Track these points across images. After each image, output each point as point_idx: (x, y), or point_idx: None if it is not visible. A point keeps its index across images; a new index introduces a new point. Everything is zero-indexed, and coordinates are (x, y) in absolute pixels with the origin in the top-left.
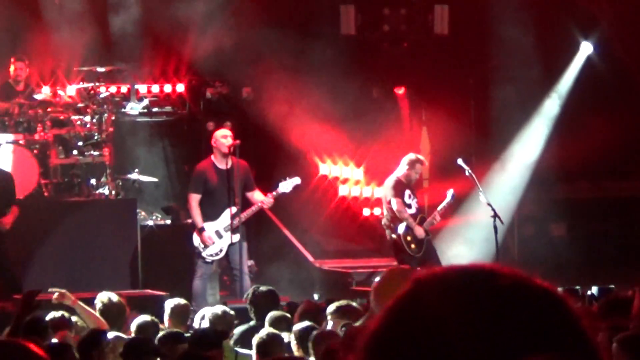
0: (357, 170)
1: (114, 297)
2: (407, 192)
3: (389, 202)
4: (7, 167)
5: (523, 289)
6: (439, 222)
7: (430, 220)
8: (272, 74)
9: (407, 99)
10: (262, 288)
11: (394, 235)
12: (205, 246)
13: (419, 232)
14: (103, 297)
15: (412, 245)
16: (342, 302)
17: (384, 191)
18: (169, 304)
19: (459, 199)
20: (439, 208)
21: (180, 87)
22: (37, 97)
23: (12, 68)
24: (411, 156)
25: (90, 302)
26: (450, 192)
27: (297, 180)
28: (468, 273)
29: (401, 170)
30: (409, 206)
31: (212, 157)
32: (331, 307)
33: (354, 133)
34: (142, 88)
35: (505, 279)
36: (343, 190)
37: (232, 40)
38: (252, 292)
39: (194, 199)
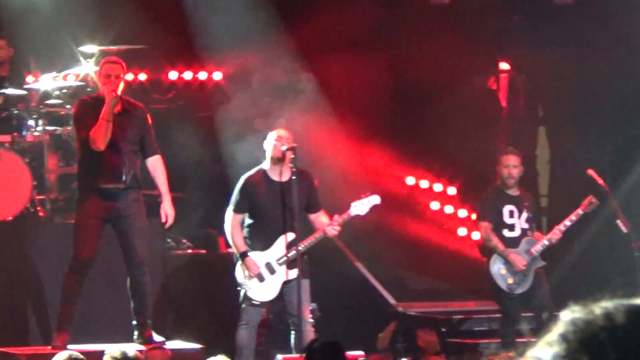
0: (450, 187)
1: (130, 352)
2: (508, 207)
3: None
4: None
5: None
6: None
7: (542, 243)
8: (340, 53)
9: (520, 89)
10: (324, 341)
11: (486, 266)
12: (256, 277)
13: (518, 261)
14: (114, 352)
15: (509, 280)
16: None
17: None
18: None
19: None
20: (561, 226)
21: (218, 75)
22: (30, 86)
23: None
24: (509, 150)
25: (97, 359)
26: (590, 202)
27: (375, 200)
28: None
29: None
30: (511, 227)
31: (264, 165)
32: None
33: (447, 135)
34: (169, 75)
35: None
36: (433, 212)
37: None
38: (310, 347)
39: (235, 218)
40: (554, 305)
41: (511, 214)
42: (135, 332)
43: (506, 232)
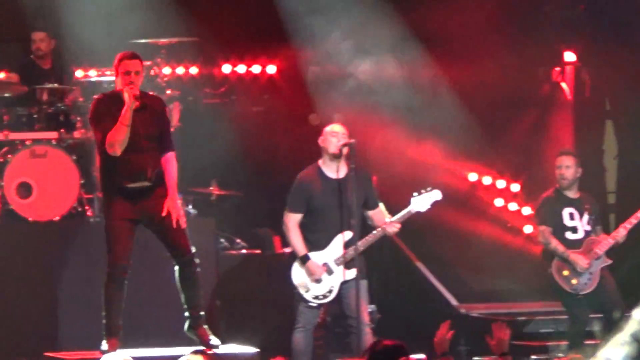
0: (514, 184)
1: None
2: (568, 210)
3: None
4: (36, 178)
5: None
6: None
7: (606, 242)
8: (399, 43)
9: (586, 81)
10: (386, 343)
11: (549, 270)
12: (315, 281)
13: (579, 261)
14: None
15: (573, 281)
16: None
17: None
18: None
19: None
20: (626, 224)
21: (272, 69)
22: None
23: (32, 43)
24: (563, 150)
25: None
26: None
27: (436, 195)
28: None
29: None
30: (574, 229)
31: (320, 162)
32: None
33: (510, 130)
34: (222, 68)
35: None
36: (497, 209)
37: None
38: (373, 348)
39: (293, 219)
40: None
41: (571, 217)
42: (186, 324)
43: (569, 235)
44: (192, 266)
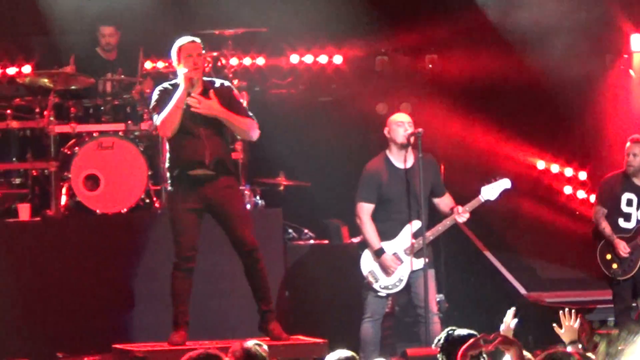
0: (582, 172)
1: (255, 347)
2: (627, 195)
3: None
4: (103, 170)
5: None
6: None
7: None
8: (466, 32)
9: None
10: (460, 332)
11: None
12: (387, 273)
13: (619, 246)
14: (236, 347)
15: (614, 265)
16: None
17: None
18: (331, 357)
19: None
20: None
21: (339, 59)
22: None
23: (100, 37)
24: (633, 137)
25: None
26: None
27: (506, 184)
28: None
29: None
30: (627, 217)
31: (387, 152)
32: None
33: (577, 117)
34: (290, 58)
35: None
36: (565, 197)
37: None
38: (445, 338)
39: (366, 210)
40: None
41: (629, 203)
42: (260, 321)
43: (621, 222)
44: (252, 258)
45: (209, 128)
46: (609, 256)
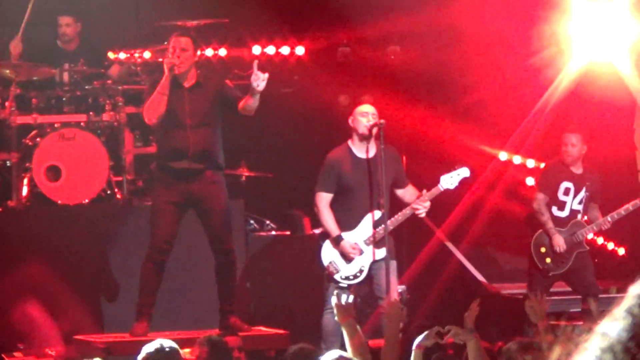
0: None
1: (217, 339)
2: (565, 185)
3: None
4: (65, 161)
5: None
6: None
7: (589, 229)
8: (431, 23)
9: None
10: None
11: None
12: (346, 261)
13: (557, 242)
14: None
15: (547, 260)
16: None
17: None
18: (291, 350)
19: None
20: (614, 214)
21: (300, 50)
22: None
23: (57, 27)
24: (570, 128)
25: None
26: None
27: (465, 172)
28: None
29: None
30: (561, 206)
31: (349, 142)
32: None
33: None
34: (252, 49)
35: None
36: (528, 187)
37: None
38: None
39: (324, 199)
40: (600, 290)
41: (566, 192)
42: (221, 318)
43: (554, 210)
44: (228, 259)
45: (195, 119)
46: (543, 249)
